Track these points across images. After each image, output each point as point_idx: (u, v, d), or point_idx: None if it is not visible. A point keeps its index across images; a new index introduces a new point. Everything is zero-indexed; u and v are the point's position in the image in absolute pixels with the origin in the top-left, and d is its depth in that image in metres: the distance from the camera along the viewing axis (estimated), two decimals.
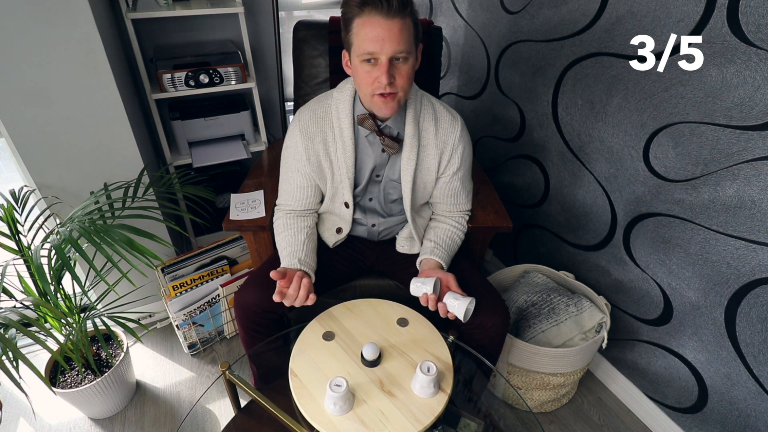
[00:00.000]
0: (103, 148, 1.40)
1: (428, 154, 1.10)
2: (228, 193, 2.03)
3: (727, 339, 1.16)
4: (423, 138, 1.09)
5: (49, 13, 1.17)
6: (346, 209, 1.16)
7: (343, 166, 1.08)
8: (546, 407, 1.49)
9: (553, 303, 1.40)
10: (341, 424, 0.83)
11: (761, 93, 0.96)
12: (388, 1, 0.85)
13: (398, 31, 0.88)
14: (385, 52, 0.89)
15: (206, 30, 1.84)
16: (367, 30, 0.88)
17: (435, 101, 1.12)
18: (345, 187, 1.11)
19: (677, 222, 1.20)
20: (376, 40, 0.88)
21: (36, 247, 1.12)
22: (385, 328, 1.02)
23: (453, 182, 1.15)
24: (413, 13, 0.92)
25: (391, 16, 0.86)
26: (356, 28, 0.90)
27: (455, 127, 1.10)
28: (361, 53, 0.91)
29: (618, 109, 1.27)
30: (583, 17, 1.30)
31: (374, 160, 1.10)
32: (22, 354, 0.96)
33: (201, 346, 1.67)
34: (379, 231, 1.24)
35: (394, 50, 0.89)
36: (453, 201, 1.19)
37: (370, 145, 1.08)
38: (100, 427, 1.43)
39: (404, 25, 0.89)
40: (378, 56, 0.90)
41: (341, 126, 1.06)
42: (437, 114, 1.10)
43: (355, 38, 0.92)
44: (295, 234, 1.12)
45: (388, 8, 0.86)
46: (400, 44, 0.89)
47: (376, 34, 0.88)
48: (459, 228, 1.21)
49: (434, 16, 2.00)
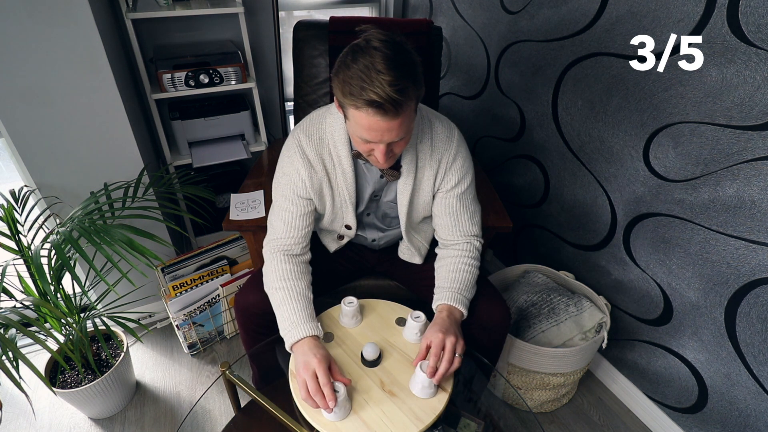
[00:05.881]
0: (103, 148, 1.40)
1: (425, 176, 1.04)
2: (228, 193, 2.03)
3: (727, 339, 1.16)
4: (420, 160, 1.03)
5: (49, 13, 1.17)
6: (348, 230, 1.14)
7: (345, 192, 1.04)
8: (546, 407, 1.49)
9: (553, 303, 1.40)
10: (342, 424, 0.83)
11: (761, 93, 0.96)
12: (385, 108, 0.77)
13: (398, 126, 0.81)
14: (383, 141, 0.83)
15: (206, 30, 1.84)
16: (363, 122, 0.81)
17: (432, 117, 1.04)
18: (347, 212, 1.08)
19: (677, 222, 1.20)
20: (374, 134, 0.82)
21: (36, 247, 1.12)
22: (385, 328, 1.02)
23: (449, 199, 1.06)
24: (418, 92, 0.82)
25: (390, 118, 0.79)
26: (351, 112, 0.82)
27: (450, 142, 1.03)
28: (357, 134, 0.85)
29: (618, 109, 1.27)
30: (583, 17, 1.30)
31: (373, 186, 1.06)
32: (22, 354, 0.96)
33: (201, 346, 1.67)
34: (380, 244, 1.23)
35: (392, 140, 0.83)
36: (453, 222, 1.07)
37: (368, 171, 1.04)
38: (100, 427, 1.43)
39: (404, 117, 0.81)
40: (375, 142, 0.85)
41: (339, 155, 1.00)
42: (433, 131, 1.03)
43: (349, 118, 0.84)
44: (305, 290, 1.01)
45: (384, 113, 0.78)
46: (399, 134, 0.83)
47: (373, 130, 0.81)
48: (464, 255, 1.06)
49: (434, 16, 2.00)
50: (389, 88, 0.75)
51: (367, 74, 0.76)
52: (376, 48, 0.77)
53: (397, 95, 0.76)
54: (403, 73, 0.77)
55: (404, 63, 0.78)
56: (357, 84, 0.77)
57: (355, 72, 0.77)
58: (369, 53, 0.77)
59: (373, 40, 0.78)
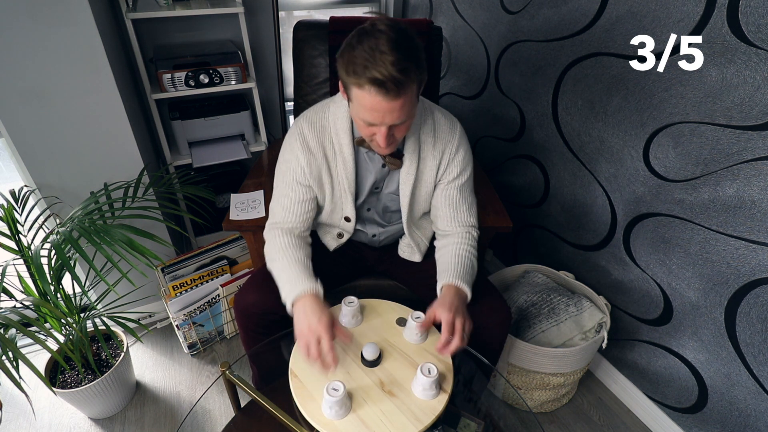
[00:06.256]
0: (103, 148, 1.40)
1: (427, 166, 1.07)
2: (228, 193, 2.03)
3: (727, 339, 1.16)
4: (423, 150, 1.05)
5: (49, 14, 1.17)
6: (348, 223, 1.14)
7: (344, 181, 1.05)
8: (546, 407, 1.49)
9: (553, 303, 1.40)
10: (341, 425, 0.83)
11: (761, 93, 0.96)
12: (387, 87, 0.79)
13: (399, 107, 0.83)
14: (385, 123, 0.86)
15: (206, 30, 1.84)
16: (365, 103, 0.83)
17: (434, 109, 1.08)
18: (347, 202, 1.09)
19: (677, 222, 1.20)
20: (376, 115, 0.84)
21: (36, 247, 1.12)
22: (385, 328, 1.02)
23: (450, 190, 1.09)
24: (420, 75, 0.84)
25: (392, 99, 0.81)
26: (354, 94, 0.84)
27: (453, 134, 1.06)
28: (359, 117, 0.87)
29: (618, 109, 1.27)
30: (583, 17, 1.30)
31: (375, 175, 1.07)
32: (22, 354, 0.96)
33: (201, 346, 1.67)
34: (380, 240, 1.23)
35: (394, 122, 0.86)
36: (452, 213, 1.10)
37: (370, 160, 1.06)
38: (100, 427, 1.43)
39: (406, 99, 0.83)
40: (377, 125, 0.87)
41: (340, 143, 1.02)
42: (436, 123, 1.06)
43: (352, 100, 0.86)
44: (304, 258, 1.03)
45: (386, 92, 0.80)
46: (401, 117, 0.85)
47: (375, 110, 0.83)
48: (463, 242, 1.09)
49: (434, 16, 2.00)
50: (392, 67, 0.77)
51: (372, 54, 0.78)
52: (381, 31, 0.79)
53: (400, 74, 0.78)
54: (406, 54, 0.79)
55: (408, 46, 0.80)
56: (361, 63, 0.79)
57: (360, 52, 0.80)
58: (374, 35, 0.79)
59: (378, 24, 0.81)
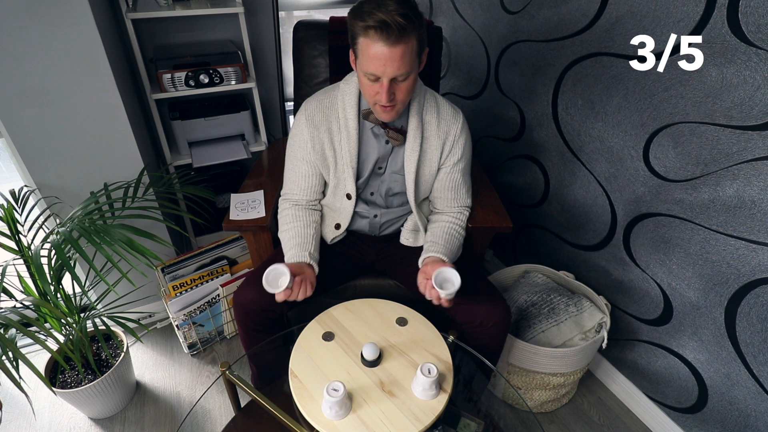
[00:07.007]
0: (103, 148, 1.40)
1: (431, 145, 1.13)
2: (228, 193, 2.02)
3: (727, 339, 1.16)
4: (426, 130, 1.12)
5: (49, 13, 1.17)
6: (348, 201, 1.17)
7: (347, 155, 1.11)
8: (546, 407, 1.49)
9: (553, 303, 1.40)
10: (341, 425, 0.83)
11: (761, 93, 0.95)
12: (389, 30, 0.88)
13: (400, 56, 0.91)
14: (386, 74, 0.93)
15: (206, 30, 1.84)
16: (370, 52, 0.92)
17: (438, 96, 1.16)
18: (348, 178, 1.13)
19: (677, 222, 1.20)
20: (378, 64, 0.92)
21: (36, 247, 1.12)
22: (384, 328, 1.02)
23: (453, 174, 1.17)
24: (418, 28, 0.93)
25: (392, 44, 0.89)
26: (361, 45, 0.94)
27: (457, 119, 1.14)
28: (364, 71, 0.96)
29: (618, 109, 1.27)
30: (583, 17, 1.30)
31: (378, 152, 1.13)
32: (22, 354, 0.96)
33: (201, 346, 1.67)
34: (381, 223, 1.24)
35: (395, 73, 0.93)
36: (453, 195, 1.20)
37: (375, 137, 1.12)
38: (100, 427, 1.43)
39: (406, 49, 0.91)
40: (379, 76, 0.95)
41: (346, 117, 1.09)
42: (440, 107, 1.14)
43: (359, 54, 0.96)
44: (304, 227, 1.15)
45: (388, 35, 0.89)
46: (401, 68, 0.93)
47: (378, 58, 0.92)
48: (456, 222, 1.20)
49: (434, 16, 2.00)
50: (394, 12, 0.88)
51: (377, 3, 0.89)
52: None
53: (401, 19, 0.88)
54: (407, 6, 0.90)
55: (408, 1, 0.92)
56: (367, 10, 0.90)
57: (366, 3, 0.91)
58: None
59: None
